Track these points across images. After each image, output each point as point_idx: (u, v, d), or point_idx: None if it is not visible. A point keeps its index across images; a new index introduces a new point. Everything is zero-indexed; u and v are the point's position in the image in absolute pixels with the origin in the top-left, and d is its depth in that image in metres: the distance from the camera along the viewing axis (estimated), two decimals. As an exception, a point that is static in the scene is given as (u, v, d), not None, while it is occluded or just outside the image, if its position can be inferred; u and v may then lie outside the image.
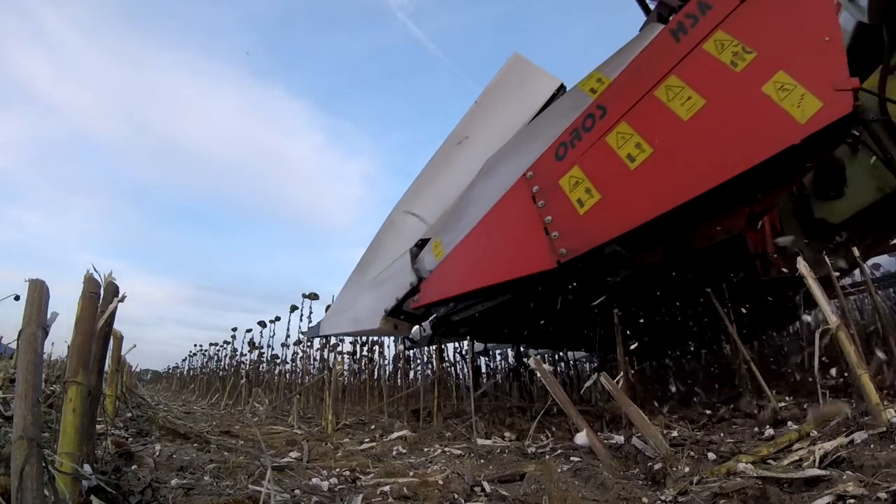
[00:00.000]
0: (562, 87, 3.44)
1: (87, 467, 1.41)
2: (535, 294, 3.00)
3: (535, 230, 2.85)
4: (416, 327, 3.91)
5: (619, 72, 2.88)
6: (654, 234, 2.59)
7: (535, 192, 2.95)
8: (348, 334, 5.11)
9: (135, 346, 7.12)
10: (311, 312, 8.08)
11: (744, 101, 2.40)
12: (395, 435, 3.32)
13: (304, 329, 7.86)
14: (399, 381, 6.17)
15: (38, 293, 1.19)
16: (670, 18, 2.95)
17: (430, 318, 3.58)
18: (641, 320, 3.41)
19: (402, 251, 3.70)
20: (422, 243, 3.64)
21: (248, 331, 11.03)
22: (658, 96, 2.64)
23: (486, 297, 3.13)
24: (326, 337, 5.84)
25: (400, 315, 3.67)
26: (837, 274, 2.78)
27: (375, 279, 3.90)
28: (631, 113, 2.73)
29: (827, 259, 3.06)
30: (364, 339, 6.53)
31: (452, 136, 3.82)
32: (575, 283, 2.84)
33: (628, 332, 3.11)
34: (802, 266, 2.07)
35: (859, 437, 1.68)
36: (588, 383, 2.74)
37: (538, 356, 2.31)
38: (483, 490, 1.80)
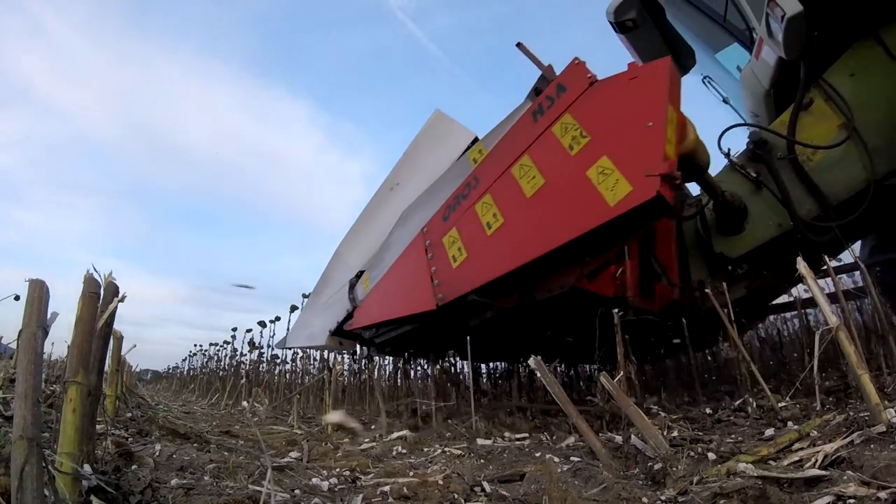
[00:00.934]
0: (475, 140, 3.84)
1: (86, 467, 1.41)
2: (434, 323, 3.56)
3: (425, 277, 3.43)
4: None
5: (493, 145, 3.37)
6: (504, 287, 3.09)
7: (427, 245, 3.54)
8: (306, 348, 5.87)
9: (135, 345, 7.13)
10: (310, 312, 8.11)
11: (571, 183, 2.75)
12: (394, 435, 3.32)
13: None
14: (399, 381, 6.17)
15: (38, 293, 1.20)
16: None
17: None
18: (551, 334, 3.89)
19: (344, 281, 4.38)
20: (359, 274, 4.27)
21: (248, 331, 11.02)
22: (513, 173, 3.08)
23: (396, 326, 3.81)
24: (291, 349, 6.64)
25: (342, 334, 4.41)
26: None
27: (325, 303, 4.62)
28: (494, 186, 3.20)
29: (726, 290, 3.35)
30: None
31: (387, 181, 4.38)
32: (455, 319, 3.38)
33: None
34: (802, 267, 2.08)
35: (859, 437, 1.68)
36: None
37: (539, 357, 2.31)
38: (483, 490, 1.80)
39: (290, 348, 6.39)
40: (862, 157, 3.46)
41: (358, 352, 4.81)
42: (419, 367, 5.65)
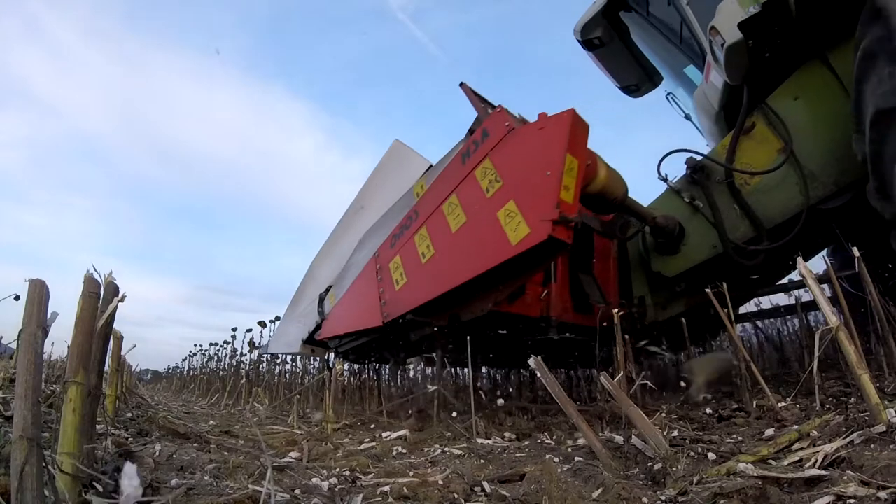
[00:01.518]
0: (430, 167, 4.13)
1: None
2: (384, 336, 4.08)
3: (375, 297, 3.91)
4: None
5: (433, 180, 3.78)
6: (436, 309, 3.49)
7: (378, 269, 4.00)
8: (285, 353, 6.40)
9: (135, 345, 7.14)
10: (310, 312, 8.17)
11: (485, 222, 3.10)
12: (394, 435, 3.32)
13: None
14: (399, 380, 6.17)
15: (38, 293, 1.20)
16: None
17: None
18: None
19: (315, 295, 4.85)
20: (328, 289, 4.73)
21: (248, 331, 11.01)
22: (443, 210, 3.46)
23: (355, 338, 4.35)
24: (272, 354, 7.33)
25: (313, 343, 4.92)
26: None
27: (299, 314, 5.12)
28: (428, 220, 3.58)
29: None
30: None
31: (353, 203, 4.81)
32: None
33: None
34: (802, 267, 2.08)
35: (859, 437, 1.68)
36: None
37: (539, 357, 2.32)
38: (483, 490, 1.80)
39: (271, 354, 7.03)
40: (799, 181, 3.55)
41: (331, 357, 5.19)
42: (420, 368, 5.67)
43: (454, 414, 3.55)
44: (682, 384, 3.57)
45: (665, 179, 4.12)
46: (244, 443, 3.05)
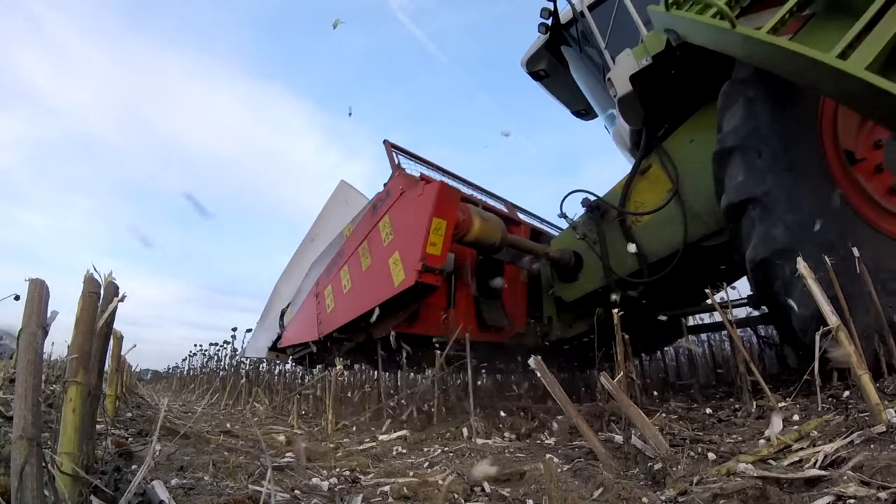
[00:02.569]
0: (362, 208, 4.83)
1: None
2: (321, 347, 4.91)
3: (314, 316, 4.83)
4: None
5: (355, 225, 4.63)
6: (354, 328, 4.34)
7: (317, 294, 4.90)
8: (257, 358, 7.34)
9: (135, 345, 7.15)
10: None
11: (381, 265, 3.93)
12: (394, 435, 3.32)
13: None
14: (399, 381, 6.15)
15: (38, 293, 1.19)
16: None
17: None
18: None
19: (279, 310, 5.78)
20: (288, 305, 5.61)
21: (248, 330, 11.00)
22: (359, 252, 4.33)
23: (304, 348, 5.24)
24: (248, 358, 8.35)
25: (276, 350, 5.83)
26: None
27: (267, 325, 6.09)
28: (349, 259, 4.47)
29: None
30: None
31: (310, 232, 5.62)
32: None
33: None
34: (803, 267, 2.08)
35: (859, 437, 1.68)
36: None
37: (539, 357, 2.32)
38: (483, 490, 1.80)
39: (246, 358, 8.03)
40: (683, 220, 3.94)
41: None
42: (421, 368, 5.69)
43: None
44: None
45: (564, 216, 4.69)
46: (244, 443, 3.05)
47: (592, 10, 4.71)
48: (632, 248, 4.24)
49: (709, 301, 3.17)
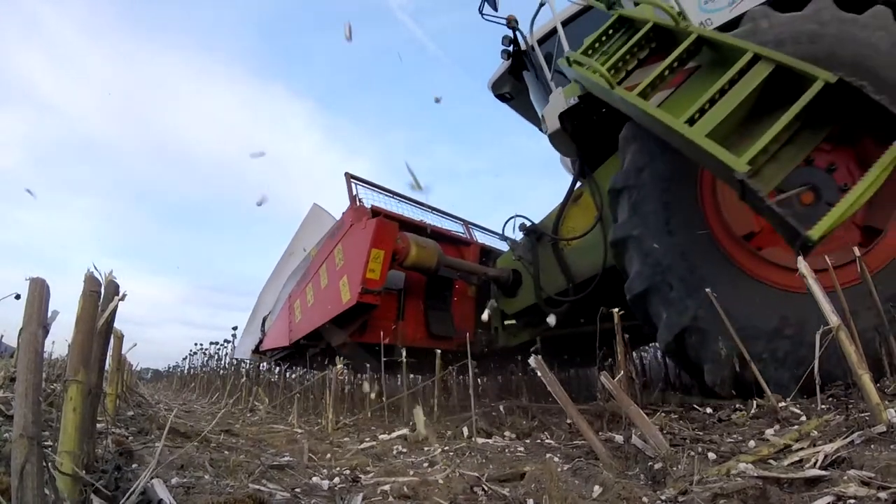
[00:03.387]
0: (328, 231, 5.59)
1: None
2: (293, 351, 5.73)
3: (287, 324, 5.61)
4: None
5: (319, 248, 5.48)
6: (317, 336, 5.07)
7: (290, 305, 5.67)
8: (243, 359, 8.00)
9: (135, 344, 7.17)
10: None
11: (335, 285, 4.72)
12: (394, 434, 3.32)
13: None
14: (400, 381, 6.16)
15: (39, 292, 1.19)
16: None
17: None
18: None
19: (261, 316, 6.51)
20: (269, 313, 6.41)
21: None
22: (320, 272, 5.12)
23: (280, 351, 6.05)
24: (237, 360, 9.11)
25: (259, 352, 6.49)
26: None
27: (253, 329, 6.74)
28: (313, 278, 5.23)
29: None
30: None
31: (288, 248, 6.36)
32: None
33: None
34: (803, 267, 2.07)
35: (859, 437, 1.68)
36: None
37: (539, 356, 2.32)
38: (483, 489, 1.80)
39: (236, 359, 8.75)
40: (604, 245, 4.29)
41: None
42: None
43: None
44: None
45: (505, 239, 5.42)
46: (244, 442, 3.05)
47: (541, 45, 5.14)
48: (492, 304, 5.26)
49: None
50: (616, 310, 2.97)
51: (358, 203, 5.09)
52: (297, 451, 2.75)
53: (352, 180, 5.26)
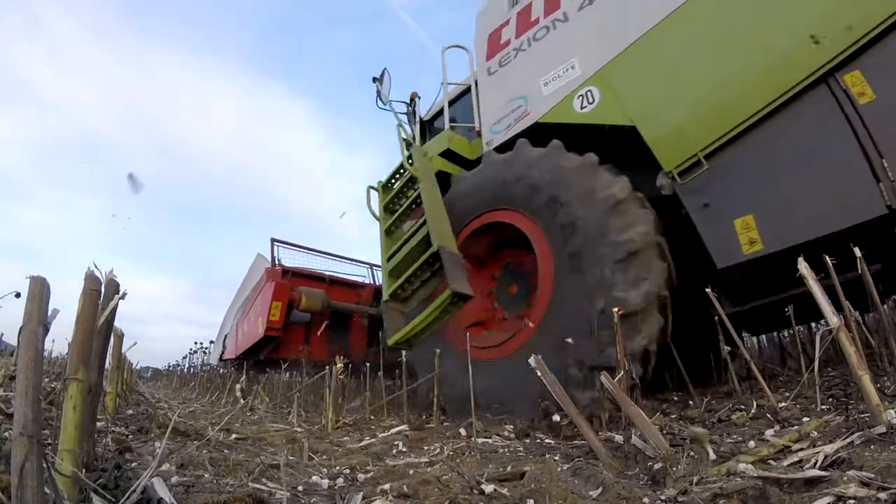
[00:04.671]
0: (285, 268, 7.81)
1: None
2: (242, 359, 7.73)
3: (235, 341, 8.29)
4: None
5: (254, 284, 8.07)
6: (252, 352, 7.32)
7: (236, 328, 8.36)
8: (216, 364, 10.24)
9: (135, 343, 7.29)
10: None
11: (256, 320, 7.02)
12: (394, 431, 3.32)
13: None
14: (400, 379, 6.16)
15: (39, 290, 1.19)
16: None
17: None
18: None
19: (225, 331, 9.50)
20: (228, 333, 9.26)
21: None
22: (250, 309, 7.51)
23: (234, 361, 8.43)
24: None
25: (223, 359, 9.23)
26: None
27: (219, 341, 9.86)
28: (247, 312, 7.72)
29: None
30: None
31: (242, 283, 9.16)
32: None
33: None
34: (803, 267, 2.07)
35: (859, 437, 1.68)
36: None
37: (539, 357, 2.32)
38: (483, 489, 1.80)
39: (212, 364, 10.81)
40: None
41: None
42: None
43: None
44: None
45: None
46: (244, 440, 3.05)
47: (433, 122, 6.47)
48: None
49: None
50: (616, 310, 2.96)
51: (276, 263, 7.39)
52: (297, 450, 2.75)
53: (275, 244, 7.61)
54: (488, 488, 1.75)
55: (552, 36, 4.62)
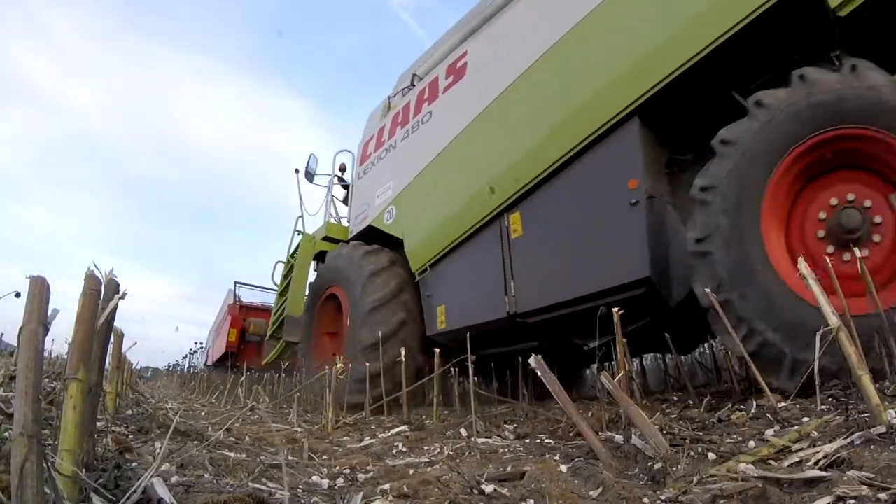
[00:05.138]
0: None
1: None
2: (220, 364, 13.34)
3: (213, 351, 14.96)
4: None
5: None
6: (224, 359, 12.73)
7: (215, 340, 15.08)
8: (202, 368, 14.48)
9: (135, 343, 7.22)
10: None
11: (222, 338, 12.95)
12: (394, 432, 3.32)
13: None
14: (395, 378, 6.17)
15: (39, 290, 1.19)
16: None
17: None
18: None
19: (210, 341, 16.39)
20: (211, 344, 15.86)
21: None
22: (220, 330, 14.08)
23: (214, 365, 13.98)
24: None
25: (207, 365, 14.89)
26: None
27: (206, 348, 16.98)
28: (219, 330, 14.35)
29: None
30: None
31: (220, 309, 14.76)
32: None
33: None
34: (804, 267, 2.07)
35: (859, 438, 1.67)
36: None
37: (539, 357, 2.32)
38: (483, 489, 1.80)
39: (205, 365, 14.87)
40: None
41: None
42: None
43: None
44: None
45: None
46: (244, 440, 3.05)
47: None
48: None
49: None
50: (616, 310, 2.96)
51: (235, 300, 12.63)
52: (297, 450, 2.75)
53: (237, 285, 13.15)
54: (488, 488, 1.75)
55: (386, 159, 6.19)
